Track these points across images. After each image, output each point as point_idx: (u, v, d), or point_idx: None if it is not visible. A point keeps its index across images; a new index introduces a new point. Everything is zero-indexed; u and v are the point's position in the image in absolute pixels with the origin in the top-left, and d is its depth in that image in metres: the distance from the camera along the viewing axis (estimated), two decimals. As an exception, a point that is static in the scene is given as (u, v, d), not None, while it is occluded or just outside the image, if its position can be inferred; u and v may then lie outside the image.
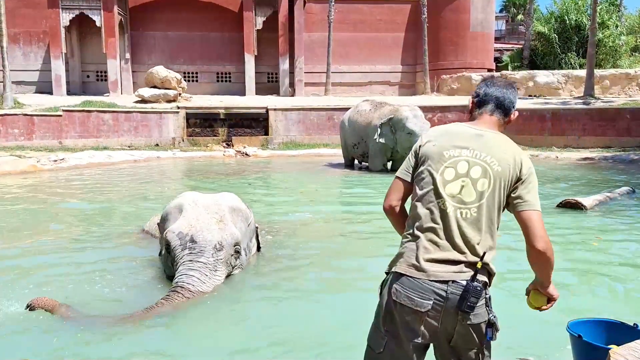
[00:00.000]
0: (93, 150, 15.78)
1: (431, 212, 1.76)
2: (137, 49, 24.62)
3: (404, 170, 1.91)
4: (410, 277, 1.72)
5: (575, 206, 7.24)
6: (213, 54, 25.06)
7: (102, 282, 4.28)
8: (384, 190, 6.99)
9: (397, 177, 1.91)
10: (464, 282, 1.70)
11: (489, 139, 1.84)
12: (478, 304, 1.71)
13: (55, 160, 13.31)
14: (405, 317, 1.71)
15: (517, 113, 1.95)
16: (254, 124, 18.83)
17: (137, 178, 11.58)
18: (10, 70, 18.29)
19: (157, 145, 17.99)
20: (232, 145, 17.81)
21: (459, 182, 1.76)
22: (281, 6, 23.20)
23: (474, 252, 1.76)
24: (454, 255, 1.73)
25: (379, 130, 11.41)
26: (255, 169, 13.23)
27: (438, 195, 1.76)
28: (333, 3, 23.25)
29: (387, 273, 1.84)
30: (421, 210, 1.77)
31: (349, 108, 12.79)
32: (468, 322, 1.71)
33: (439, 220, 1.74)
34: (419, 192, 1.81)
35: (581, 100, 19.23)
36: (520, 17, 28.90)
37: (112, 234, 5.98)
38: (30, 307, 3.52)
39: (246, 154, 16.51)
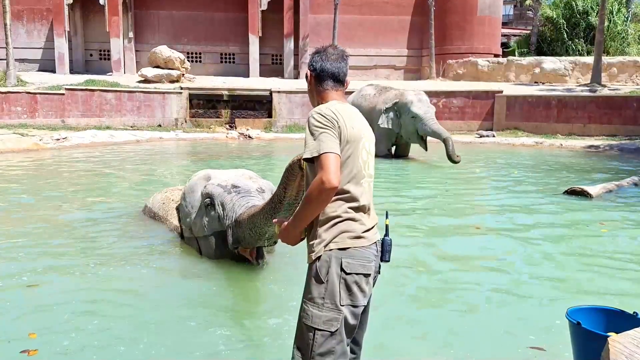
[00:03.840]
0: (95, 129, 15.76)
1: (360, 191, 1.98)
2: (140, 28, 24.42)
3: (337, 147, 1.89)
4: (358, 247, 1.94)
5: (581, 194, 7.20)
6: (217, 35, 24.84)
7: (105, 265, 4.28)
8: (388, 176, 6.98)
9: (336, 154, 1.87)
10: (381, 239, 2.05)
11: (362, 118, 2.09)
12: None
13: (58, 139, 13.30)
14: (360, 284, 1.94)
15: (349, 80, 2.18)
16: (258, 106, 18.74)
17: (140, 158, 11.57)
18: (14, 48, 18.20)
19: (160, 125, 17.95)
20: (235, 127, 17.76)
21: (368, 160, 2.03)
22: (287, -13, 22.93)
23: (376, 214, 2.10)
24: (374, 220, 2.06)
25: (384, 114, 11.33)
26: (258, 152, 13.20)
27: (363, 175, 1.99)
28: (339, -16, 22.95)
29: (318, 257, 1.94)
30: (354, 189, 1.96)
31: (353, 92, 12.68)
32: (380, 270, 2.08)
33: (365, 196, 2.00)
34: (351, 173, 1.96)
35: (587, 88, 19.05)
36: (528, 2, 28.47)
37: (115, 213, 5.98)
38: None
39: (249, 137, 16.47)
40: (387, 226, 2.06)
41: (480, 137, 16.66)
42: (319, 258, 1.93)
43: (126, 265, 4.21)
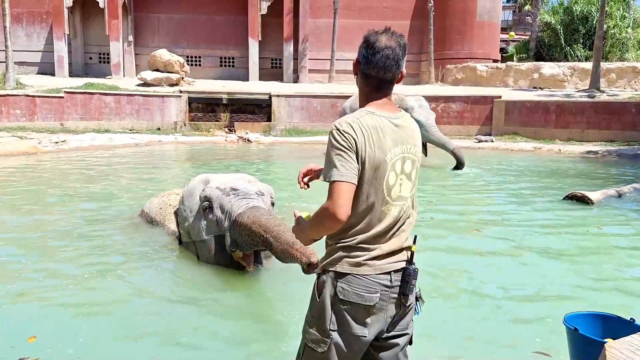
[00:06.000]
0: (94, 132, 15.75)
1: (377, 217, 1.78)
2: (140, 31, 24.46)
3: (352, 173, 1.70)
4: (357, 275, 1.77)
5: (582, 199, 7.19)
6: (217, 38, 24.88)
7: (101, 271, 4.27)
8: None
9: (349, 183, 1.69)
10: (402, 267, 1.81)
11: (406, 128, 1.85)
12: (415, 284, 1.83)
13: (57, 142, 13.29)
14: (354, 314, 1.77)
15: (404, 72, 1.92)
16: (257, 109, 18.75)
17: (138, 162, 11.55)
18: (13, 51, 18.20)
19: (159, 129, 17.95)
20: (235, 131, 17.76)
21: (398, 182, 1.80)
22: (286, -9, 22.98)
23: (408, 239, 1.87)
24: (395, 247, 1.82)
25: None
26: (257, 156, 13.19)
27: (386, 202, 1.78)
28: (339, -11, 23.02)
29: (319, 274, 1.85)
30: (367, 216, 1.78)
31: (350, 97, 12.69)
32: (408, 303, 1.84)
33: (384, 223, 1.79)
34: (367, 200, 1.76)
35: (586, 93, 19.09)
36: (527, 7, 28.60)
37: (111, 218, 5.96)
38: None
39: (248, 140, 16.47)
40: (412, 253, 1.85)
41: (479, 142, 16.67)
42: (319, 275, 1.84)
43: (123, 270, 4.18)
